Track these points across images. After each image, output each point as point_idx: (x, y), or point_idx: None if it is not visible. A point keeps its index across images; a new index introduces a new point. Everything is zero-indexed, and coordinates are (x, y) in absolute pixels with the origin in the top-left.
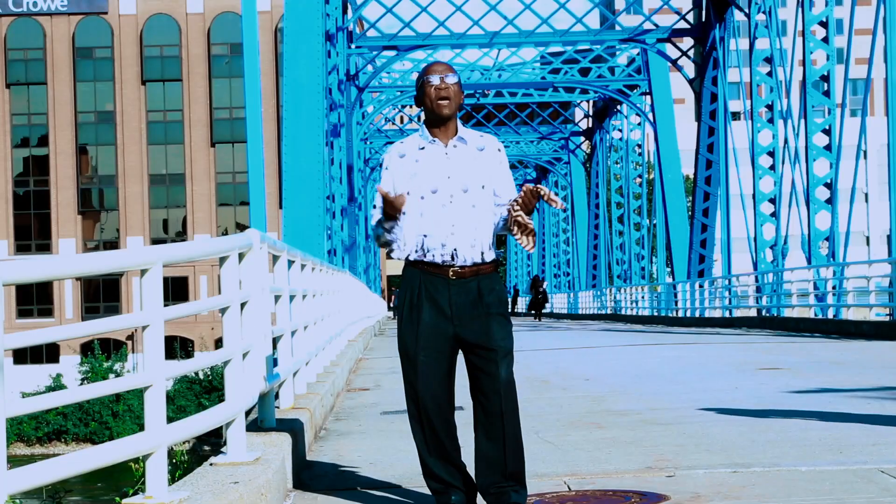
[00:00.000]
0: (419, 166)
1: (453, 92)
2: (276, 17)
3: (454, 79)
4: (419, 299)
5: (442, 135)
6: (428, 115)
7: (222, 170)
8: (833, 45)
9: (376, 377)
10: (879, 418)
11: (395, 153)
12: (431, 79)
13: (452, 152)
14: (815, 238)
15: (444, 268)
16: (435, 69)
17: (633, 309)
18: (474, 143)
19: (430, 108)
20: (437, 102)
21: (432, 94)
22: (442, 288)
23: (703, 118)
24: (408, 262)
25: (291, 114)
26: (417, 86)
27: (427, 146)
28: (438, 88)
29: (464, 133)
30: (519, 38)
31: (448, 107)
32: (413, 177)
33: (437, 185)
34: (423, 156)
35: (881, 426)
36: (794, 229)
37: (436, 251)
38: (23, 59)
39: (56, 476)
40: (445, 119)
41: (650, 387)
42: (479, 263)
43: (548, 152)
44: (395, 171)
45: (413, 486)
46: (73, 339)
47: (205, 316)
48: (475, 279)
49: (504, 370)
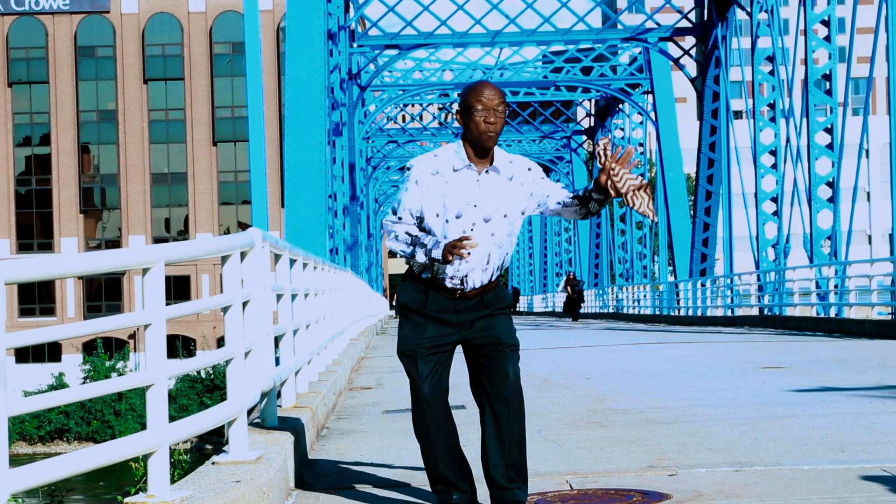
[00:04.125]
0: (448, 188)
1: (501, 125)
2: (277, 15)
3: (503, 107)
4: (424, 307)
5: (478, 161)
6: (470, 138)
7: (224, 168)
8: (835, 43)
9: (378, 376)
10: (881, 417)
11: (428, 170)
12: (481, 108)
13: (484, 180)
14: (817, 237)
15: (450, 290)
16: (485, 96)
17: (635, 308)
18: (505, 171)
19: (475, 137)
20: (484, 135)
21: (481, 126)
22: (447, 304)
23: (704, 117)
24: (414, 277)
25: (293, 113)
26: (463, 103)
27: (462, 170)
28: (488, 122)
29: (498, 161)
30: (521, 37)
31: (494, 139)
32: (441, 198)
33: (461, 210)
34: (454, 178)
35: (883, 425)
36: (795, 228)
37: (447, 274)
38: (25, 58)
39: (58, 475)
40: (489, 150)
41: (652, 386)
42: (485, 285)
43: (550, 151)
44: (425, 186)
45: (416, 485)
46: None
47: (207, 315)
48: (479, 296)
49: (511, 366)
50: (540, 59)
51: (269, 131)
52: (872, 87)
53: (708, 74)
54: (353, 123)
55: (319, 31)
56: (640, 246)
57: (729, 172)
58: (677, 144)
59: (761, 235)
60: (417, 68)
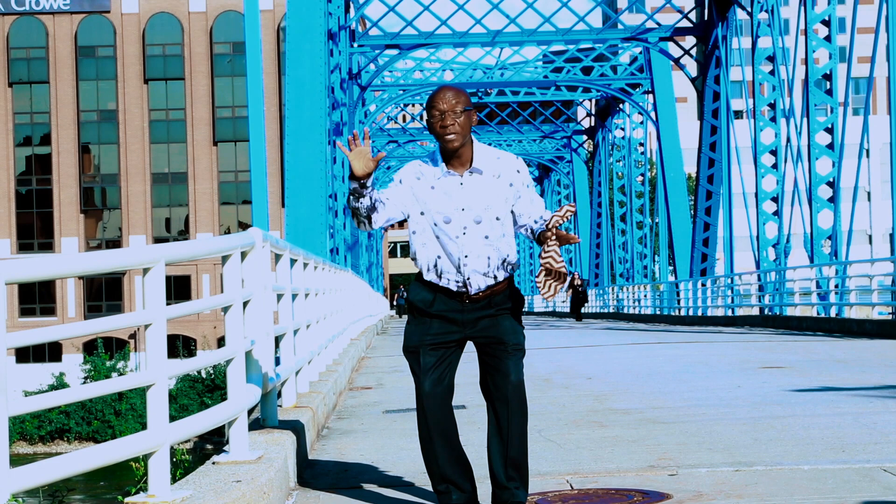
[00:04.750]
0: (434, 194)
1: (461, 124)
2: (278, 15)
3: (462, 107)
4: (432, 307)
5: (457, 164)
6: (439, 145)
7: (225, 168)
8: (835, 43)
9: (379, 376)
10: (882, 417)
11: (413, 174)
12: (437, 113)
13: (468, 181)
14: (818, 237)
15: (457, 294)
16: (440, 98)
17: (636, 308)
18: (491, 170)
19: (440, 143)
20: (444, 138)
21: (437, 129)
22: (455, 306)
23: (705, 117)
24: (423, 279)
25: (294, 112)
26: (426, 111)
27: (443, 178)
28: (444, 126)
29: (480, 160)
30: (521, 37)
31: (456, 139)
32: (426, 202)
33: (450, 215)
34: (438, 185)
35: (883, 425)
36: (796, 228)
37: (450, 276)
38: (25, 58)
39: (58, 475)
40: (455, 151)
41: (652, 385)
42: (492, 286)
43: (550, 151)
44: (408, 187)
45: (416, 485)
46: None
47: (207, 315)
48: (488, 298)
49: (514, 367)
50: (540, 59)
51: (269, 131)
52: (873, 86)
53: (708, 74)
54: (354, 123)
55: (320, 30)
56: (641, 246)
57: (729, 172)
58: (678, 144)
59: (762, 235)
60: (418, 68)
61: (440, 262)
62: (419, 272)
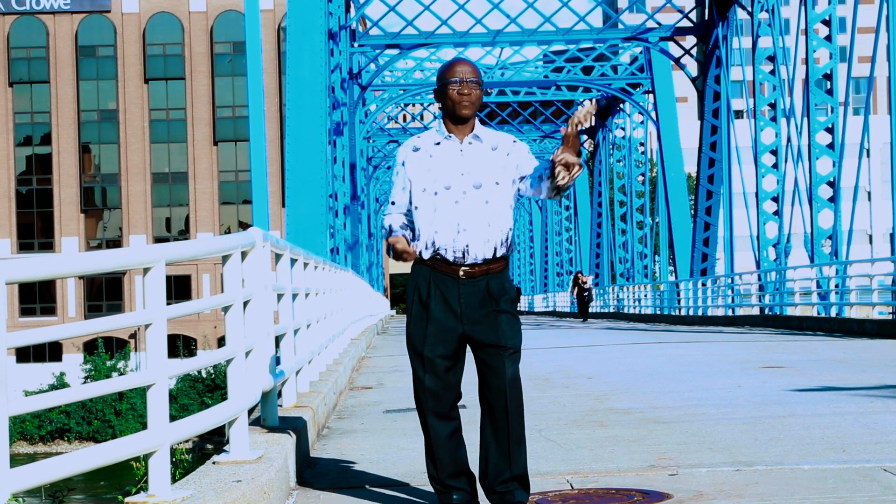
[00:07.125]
0: (433, 161)
1: (476, 95)
2: (278, 15)
3: (477, 79)
4: (428, 297)
5: (459, 132)
6: (447, 112)
7: (225, 168)
8: (836, 43)
9: (379, 375)
10: (882, 416)
11: (410, 147)
12: (454, 80)
13: (467, 149)
14: (818, 236)
15: (454, 266)
16: (458, 70)
17: (636, 307)
18: (489, 141)
19: (450, 109)
20: (459, 104)
21: (454, 97)
22: (452, 286)
23: (705, 116)
24: (419, 258)
25: (294, 112)
26: (438, 82)
27: (443, 142)
28: (461, 93)
29: (480, 131)
30: (522, 37)
31: (469, 108)
32: (427, 172)
33: (450, 181)
34: (437, 151)
35: (884, 424)
36: (796, 228)
37: (447, 247)
38: (26, 58)
39: (59, 475)
40: (466, 119)
41: (653, 385)
42: (489, 260)
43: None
44: (411, 165)
45: (416, 485)
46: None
47: (207, 314)
48: (485, 278)
49: (510, 368)
50: (541, 59)
51: (269, 131)
52: (873, 86)
53: (709, 74)
54: (354, 123)
55: (320, 30)
56: (641, 245)
57: (730, 172)
58: (678, 144)
59: (762, 235)
60: (418, 68)
61: (437, 237)
62: (419, 255)
